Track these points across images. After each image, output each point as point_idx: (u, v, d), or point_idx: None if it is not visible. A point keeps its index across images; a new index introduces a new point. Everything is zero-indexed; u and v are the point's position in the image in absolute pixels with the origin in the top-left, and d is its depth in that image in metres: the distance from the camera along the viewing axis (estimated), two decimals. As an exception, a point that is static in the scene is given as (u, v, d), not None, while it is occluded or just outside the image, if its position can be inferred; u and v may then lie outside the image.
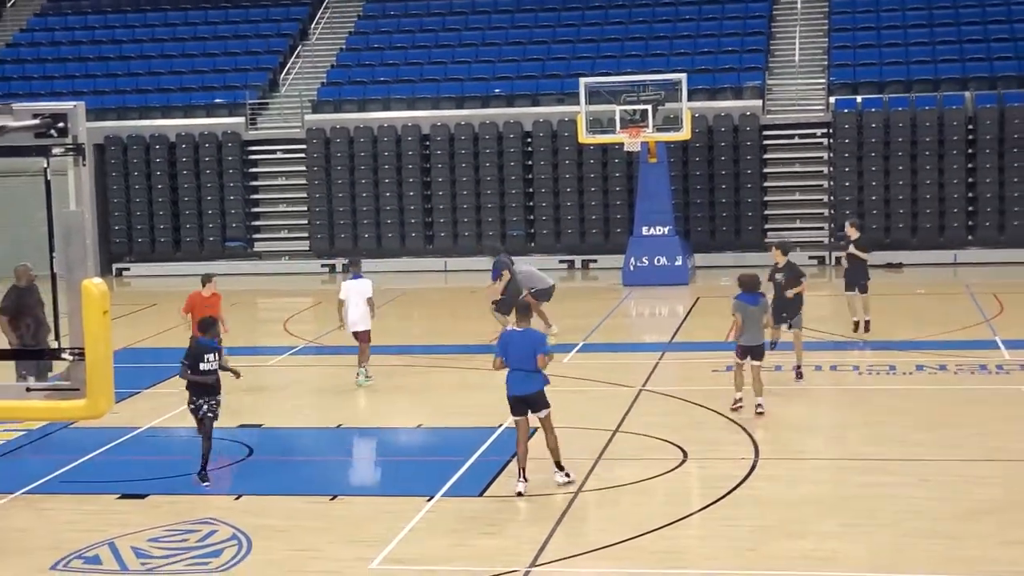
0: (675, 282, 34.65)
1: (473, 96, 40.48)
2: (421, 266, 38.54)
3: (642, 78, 36.23)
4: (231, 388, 22.66)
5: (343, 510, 16.77)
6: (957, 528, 15.11)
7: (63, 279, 6.91)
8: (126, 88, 42.45)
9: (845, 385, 22.87)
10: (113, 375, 7.14)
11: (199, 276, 38.54)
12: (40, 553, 15.06)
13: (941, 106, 37.52)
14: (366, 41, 44.04)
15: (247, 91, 41.95)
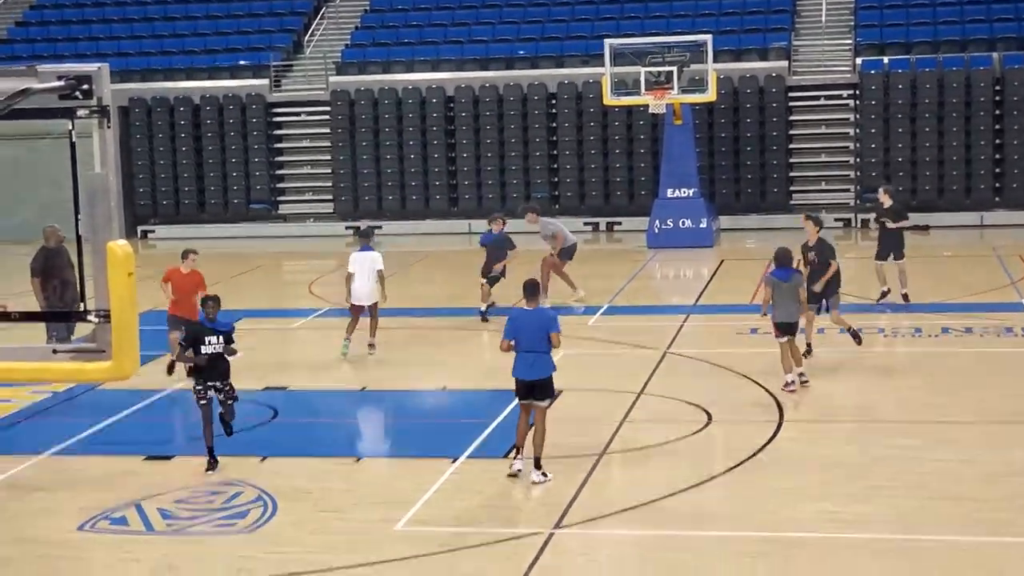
0: (700, 244, 34.80)
1: (497, 58, 40.57)
2: (445, 228, 38.58)
3: (667, 39, 36.35)
4: (257, 351, 22.81)
5: (368, 472, 16.94)
6: (982, 490, 15.14)
7: (88, 241, 7.01)
8: (150, 50, 42.61)
9: (870, 348, 22.73)
10: (138, 337, 7.19)
11: (224, 238, 38.98)
12: (68, 514, 15.21)
13: (968, 67, 37.55)
14: (390, 2, 44.13)
15: (271, 53, 42.17)
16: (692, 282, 30.12)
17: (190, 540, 14.48)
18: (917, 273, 28.97)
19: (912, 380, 20.40)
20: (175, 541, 14.49)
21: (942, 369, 21.09)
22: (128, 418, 19.30)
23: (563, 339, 15.90)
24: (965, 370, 21.03)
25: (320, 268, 34.40)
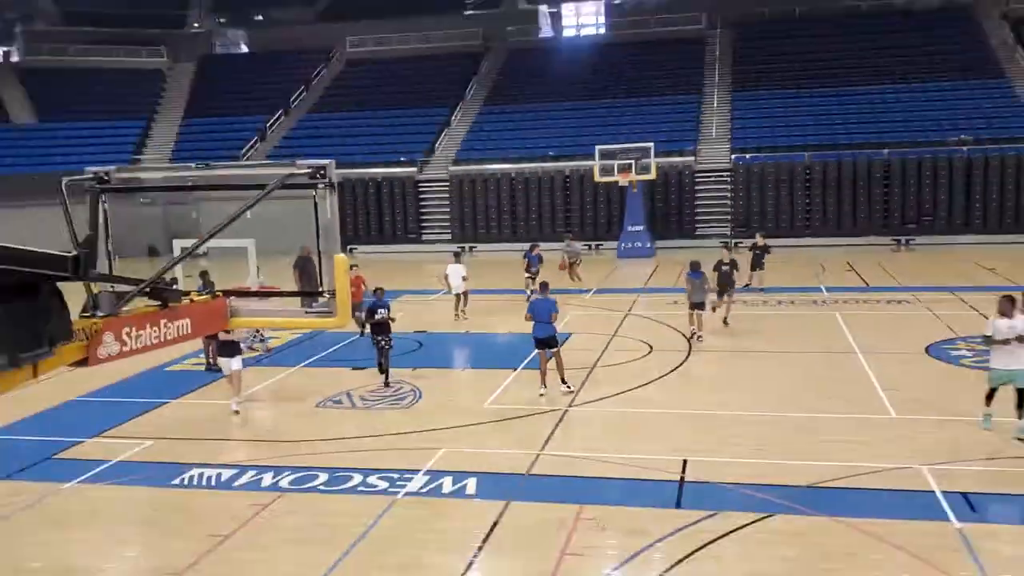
0: (646, 256, 34.60)
1: (539, 156, 40.48)
2: (507, 247, 38.52)
3: (629, 146, 36.17)
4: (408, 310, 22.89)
5: (469, 376, 17.12)
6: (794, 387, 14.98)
7: (324, 254, 7.13)
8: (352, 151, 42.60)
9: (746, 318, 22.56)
10: (349, 305, 7.35)
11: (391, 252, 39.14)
12: (310, 398, 15.48)
13: (792, 161, 36.96)
14: (482, 127, 44.19)
15: (418, 153, 42.09)
16: (642, 275, 29.95)
17: (374, 412, 14.73)
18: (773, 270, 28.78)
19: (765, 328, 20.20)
20: (367, 413, 14.74)
21: (774, 327, 20.85)
22: (339, 350, 19.46)
23: (572, 306, 16.10)
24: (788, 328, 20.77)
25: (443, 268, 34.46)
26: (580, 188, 38.90)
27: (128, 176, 7.43)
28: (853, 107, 40.18)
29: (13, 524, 10.47)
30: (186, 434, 13.84)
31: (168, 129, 47.83)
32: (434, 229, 41.40)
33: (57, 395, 15.72)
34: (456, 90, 47.39)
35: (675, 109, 42.45)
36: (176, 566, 9.19)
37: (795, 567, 8.70)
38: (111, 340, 6.28)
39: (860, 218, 36.44)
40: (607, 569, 8.80)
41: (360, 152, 42.82)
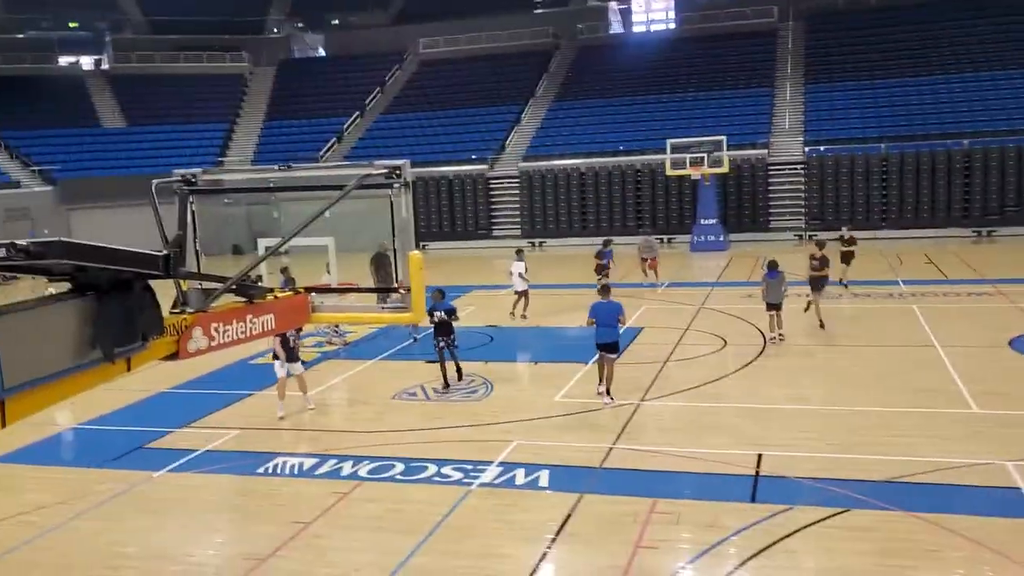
0: (719, 250, 34.14)
1: (609, 151, 40.20)
2: (578, 242, 38.42)
3: (701, 139, 35.66)
4: (479, 304, 22.96)
5: (540, 370, 17.10)
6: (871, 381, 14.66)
7: (400, 251, 7.21)
8: (426, 151, 42.93)
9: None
10: (424, 301, 7.43)
11: (462, 248, 39.34)
12: (385, 390, 15.69)
13: (867, 154, 36.03)
14: (552, 123, 44.06)
15: (489, 151, 42.22)
16: (714, 269, 29.56)
17: (448, 404, 14.86)
18: (833, 262, 28.14)
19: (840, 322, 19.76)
20: (440, 405, 14.85)
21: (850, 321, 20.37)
22: (414, 345, 19.60)
23: (645, 300, 15.93)
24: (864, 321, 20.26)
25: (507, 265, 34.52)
26: (651, 182, 38.50)
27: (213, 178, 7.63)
28: (929, 96, 38.99)
29: (108, 510, 10.87)
30: (269, 424, 14.16)
31: (250, 132, 48.92)
32: (504, 225, 41.48)
33: (147, 387, 16.26)
34: (527, 88, 47.42)
35: (747, 102, 41.73)
36: (261, 552, 9.43)
37: (871, 562, 8.51)
38: (200, 335, 6.47)
39: (939, 210, 35.33)
40: (680, 563, 8.74)
41: (432, 151, 43.14)
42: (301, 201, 7.88)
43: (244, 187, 8.64)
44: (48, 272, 5.61)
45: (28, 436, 13.49)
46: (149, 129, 46.86)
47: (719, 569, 8.59)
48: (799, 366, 16.42)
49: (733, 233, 36.30)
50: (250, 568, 9.08)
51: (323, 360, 18.48)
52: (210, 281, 6.81)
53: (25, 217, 39.23)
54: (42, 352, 5.26)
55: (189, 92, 50.00)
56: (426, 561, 9.01)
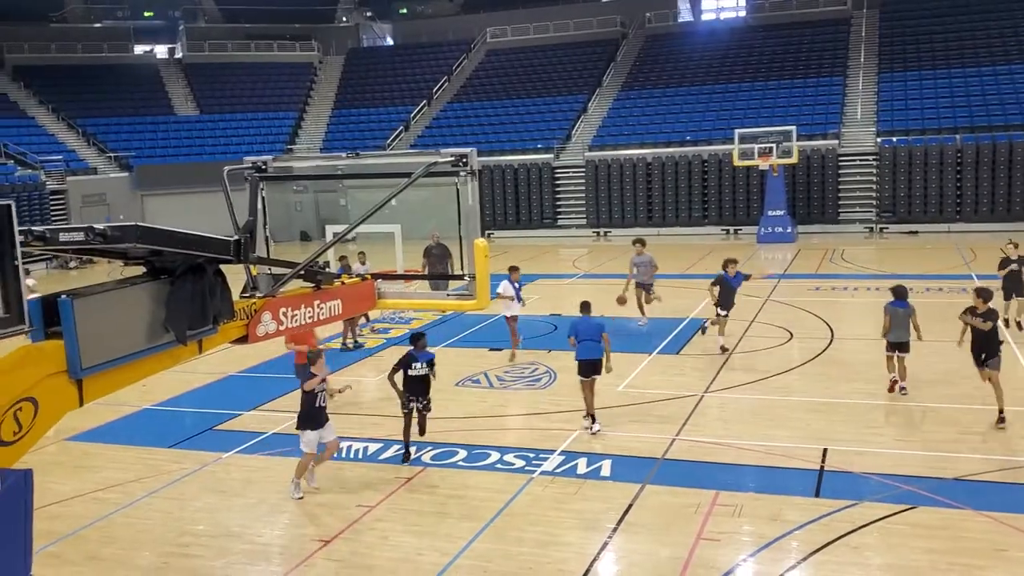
0: (786, 241, 33.56)
1: (675, 141, 39.73)
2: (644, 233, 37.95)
3: (769, 129, 35.06)
4: (543, 293, 22.89)
5: (604, 360, 16.86)
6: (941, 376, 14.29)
7: (465, 239, 7.27)
8: (491, 140, 43.03)
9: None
10: (488, 288, 7.46)
11: (527, 236, 39.33)
12: (450, 376, 15.79)
13: (942, 144, 34.96)
14: (619, 113, 43.66)
15: (554, 140, 42.08)
16: (782, 261, 29.05)
17: (512, 392, 14.91)
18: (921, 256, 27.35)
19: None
20: (503, 393, 14.91)
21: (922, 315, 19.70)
22: (479, 330, 19.67)
23: (703, 291, 15.68)
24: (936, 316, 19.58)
25: (578, 252, 34.50)
26: (718, 172, 37.95)
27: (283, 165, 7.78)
28: (1008, 85, 37.63)
29: (178, 489, 11.17)
30: (334, 409, 14.36)
31: (319, 120, 49.57)
32: (570, 214, 41.34)
33: (218, 371, 16.65)
34: (594, 76, 47.12)
35: (818, 92, 40.84)
36: (327, 533, 9.61)
37: (939, 561, 8.32)
38: (269, 319, 6.62)
39: (1015, 203, 34.18)
40: (742, 555, 8.66)
41: (499, 140, 43.17)
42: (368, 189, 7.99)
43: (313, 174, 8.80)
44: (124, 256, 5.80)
45: (104, 416, 13.95)
46: (221, 117, 47.84)
47: (781, 563, 8.48)
48: (866, 360, 16.05)
49: (801, 225, 35.61)
50: (315, 549, 9.26)
51: (388, 346, 18.68)
52: (279, 267, 6.96)
53: (101, 203, 40.36)
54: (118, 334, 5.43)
55: (260, 81, 50.91)
56: (487, 547, 9.08)
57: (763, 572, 8.38)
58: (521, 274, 17.30)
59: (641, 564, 8.64)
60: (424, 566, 8.66)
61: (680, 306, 20.93)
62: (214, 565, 9.05)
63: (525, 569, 8.60)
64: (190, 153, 44.49)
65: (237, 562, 9.12)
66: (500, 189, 41.50)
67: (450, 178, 7.35)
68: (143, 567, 9.06)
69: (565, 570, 8.53)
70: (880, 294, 20.41)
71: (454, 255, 8.17)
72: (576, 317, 13.16)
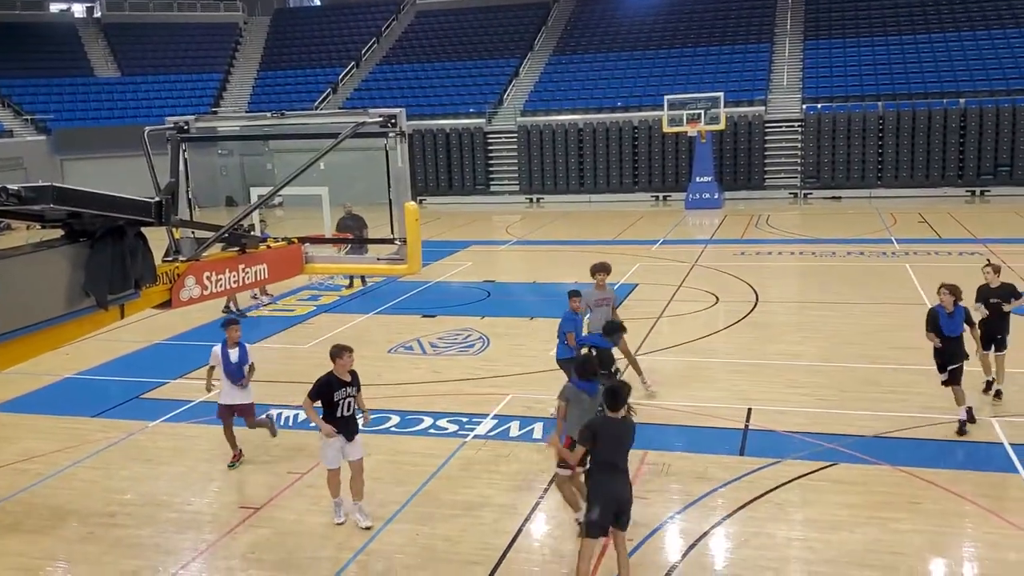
0: (713, 207, 34.02)
1: (606, 107, 39.83)
2: (575, 199, 38.35)
3: (698, 95, 35.33)
4: (476, 260, 22.82)
5: (537, 325, 17.01)
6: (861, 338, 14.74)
7: (394, 202, 7.18)
8: (423, 103, 42.56)
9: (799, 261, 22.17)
10: (420, 252, 7.40)
11: (459, 203, 39.16)
12: (381, 343, 15.75)
13: (864, 112, 35.74)
14: (550, 78, 43.54)
15: (487, 105, 41.82)
16: (709, 227, 29.48)
17: (445, 358, 14.89)
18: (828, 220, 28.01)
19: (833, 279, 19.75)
20: (436, 359, 14.90)
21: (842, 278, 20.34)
22: (411, 297, 19.61)
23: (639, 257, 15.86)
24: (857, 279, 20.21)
25: (511, 219, 34.51)
26: (648, 139, 38.22)
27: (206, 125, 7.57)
28: (928, 55, 38.63)
29: (104, 459, 10.93)
30: (264, 376, 14.17)
31: (244, 82, 48.38)
32: (502, 180, 41.26)
33: (143, 339, 16.28)
34: (525, 40, 46.88)
35: (746, 58, 41.32)
36: (257, 500, 9.52)
37: (857, 514, 8.62)
38: (193, 283, 6.47)
39: (934, 169, 35.20)
40: (669, 513, 8.84)
41: (429, 103, 42.75)
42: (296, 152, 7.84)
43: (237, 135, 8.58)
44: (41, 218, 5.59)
45: (24, 385, 13.56)
46: (143, 79, 46.37)
47: (707, 520, 8.69)
48: (790, 323, 16.47)
49: (728, 191, 36.13)
50: (245, 516, 9.17)
51: (319, 313, 18.48)
52: (202, 230, 6.80)
53: (18, 167, 38.90)
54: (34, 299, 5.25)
55: (183, 41, 49.39)
56: (420, 511, 9.10)
57: (690, 529, 8.58)
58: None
59: (572, 523, 8.76)
60: (356, 531, 8.65)
61: (611, 271, 21.08)
62: (141, 534, 8.90)
63: (458, 531, 8.66)
64: (111, 116, 43.05)
65: (165, 531, 8.98)
66: (431, 154, 41.16)
67: (379, 140, 7.24)
68: (68, 538, 8.87)
69: (498, 530, 8.61)
70: (803, 258, 20.92)
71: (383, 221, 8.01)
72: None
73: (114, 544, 8.73)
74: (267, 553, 8.44)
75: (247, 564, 8.26)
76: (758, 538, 8.31)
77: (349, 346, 8.73)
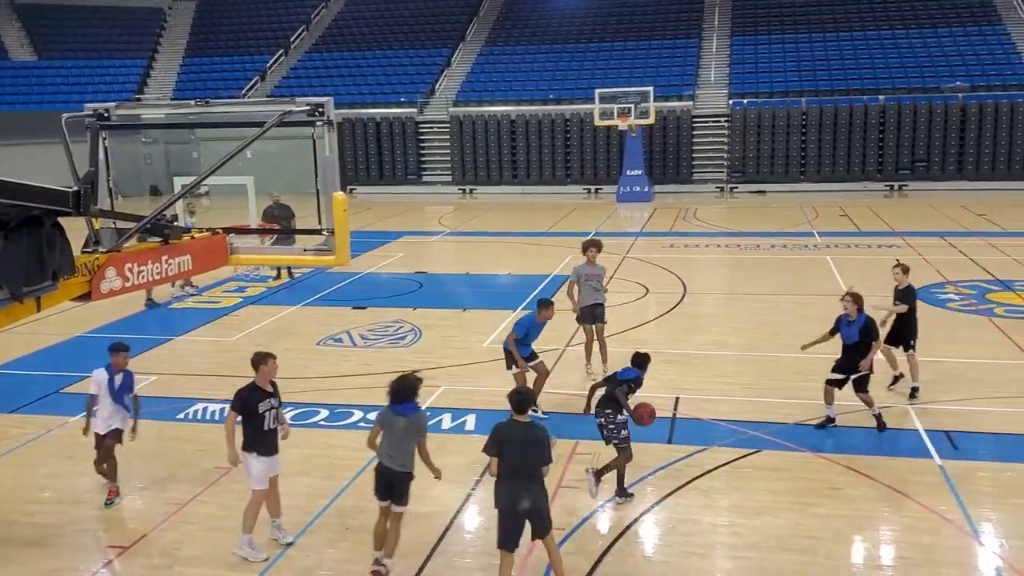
0: (643, 200, 34.38)
1: (539, 99, 39.95)
2: (509, 191, 38.48)
3: (628, 89, 35.68)
4: (408, 251, 22.70)
5: (471, 316, 17.05)
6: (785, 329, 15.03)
7: (322, 192, 7.09)
8: (355, 91, 42.11)
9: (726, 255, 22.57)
10: (348, 243, 7.31)
11: (391, 193, 38.88)
12: (310, 336, 15.57)
13: (789, 106, 36.53)
14: (482, 69, 43.47)
15: (419, 94, 41.57)
16: (639, 220, 29.81)
17: (374, 351, 14.75)
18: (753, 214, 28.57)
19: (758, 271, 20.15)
20: (367, 351, 14.76)
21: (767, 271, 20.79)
22: (343, 287, 19.43)
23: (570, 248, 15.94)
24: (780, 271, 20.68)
25: (444, 210, 34.38)
26: (580, 132, 38.48)
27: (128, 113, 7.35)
28: (850, 53, 39.63)
29: (23, 455, 10.57)
30: (190, 370, 13.91)
31: (169, 69, 47.17)
32: (435, 170, 41.09)
33: (62, 332, 15.78)
34: (457, 30, 46.68)
35: (675, 53, 41.85)
36: (181, 497, 9.31)
37: (780, 500, 8.83)
38: (113, 275, 6.28)
39: (854, 164, 36.20)
40: (600, 501, 8.92)
41: (360, 92, 42.31)
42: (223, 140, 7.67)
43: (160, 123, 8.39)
44: (-49, 208, 5.36)
45: (-64, 380, 13.05)
46: (62, 63, 44.82)
47: (636, 508, 8.80)
48: (717, 314, 16.77)
49: (658, 184, 36.61)
50: (170, 513, 8.97)
51: (245, 305, 18.16)
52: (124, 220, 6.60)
53: (-71, 154, 37.29)
54: (-55, 291, 5.04)
55: (104, 26, 47.84)
56: (350, 504, 9.01)
57: (620, 517, 8.68)
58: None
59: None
60: (286, 524, 8.53)
61: (543, 263, 21.18)
62: (63, 533, 8.64)
63: (388, 524, 8.60)
64: (28, 101, 41.49)
65: (87, 528, 8.74)
66: (362, 143, 40.79)
67: (306, 129, 7.13)
68: (-17, 538, 8.56)
69: (430, 524, 8.57)
70: (730, 251, 21.30)
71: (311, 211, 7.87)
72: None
73: (32, 543, 8.45)
74: (192, 549, 8.28)
75: (171, 561, 8.08)
76: (685, 524, 8.46)
77: (272, 352, 8.09)
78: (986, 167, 35.09)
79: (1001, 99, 35.07)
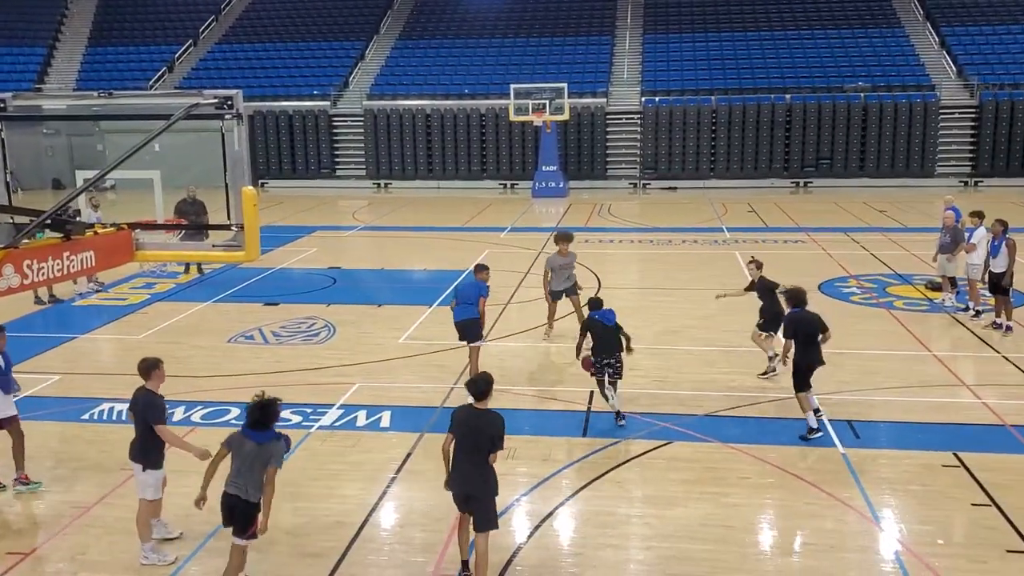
0: (559, 196, 34.64)
1: (454, 94, 39.84)
2: (424, 185, 38.30)
3: (543, 85, 35.79)
4: (322, 246, 22.40)
5: (385, 312, 16.90)
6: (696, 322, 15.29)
7: (232, 187, 6.94)
8: (265, 84, 41.33)
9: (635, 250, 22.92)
10: (258, 239, 7.18)
11: (304, 187, 38.28)
12: (220, 333, 15.28)
13: (699, 104, 37.25)
14: (396, 63, 43.07)
15: (332, 87, 40.99)
16: (555, 215, 29.99)
17: (289, 347, 14.54)
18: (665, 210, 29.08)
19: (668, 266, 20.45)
20: (279, 349, 14.52)
21: (677, 265, 21.12)
22: (253, 283, 19.08)
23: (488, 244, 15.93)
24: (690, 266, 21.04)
25: (358, 204, 34.01)
26: (495, 127, 38.52)
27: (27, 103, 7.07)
28: (758, 52, 40.65)
29: (-86, 460, 10.08)
30: (95, 369, 13.46)
31: (71, 58, 45.46)
32: (348, 165, 40.62)
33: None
34: (370, 23, 46.19)
35: (588, 50, 42.24)
36: (87, 500, 9.02)
37: (691, 490, 9.03)
38: (11, 272, 6.04)
39: (762, 161, 37.16)
40: (516, 495, 8.97)
41: (272, 85, 41.53)
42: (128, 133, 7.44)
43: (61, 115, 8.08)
44: None
45: None
46: (-46, 51, 42.92)
47: (552, 500, 8.89)
48: (630, 307, 16.95)
49: (573, 180, 36.93)
50: (76, 516, 8.68)
51: (153, 301, 17.67)
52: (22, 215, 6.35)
53: None
54: None
55: (1, 11, 45.86)
56: (262, 503, 8.86)
57: (536, 510, 8.75)
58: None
59: (420, 510, 8.76)
60: (197, 525, 8.34)
61: (459, 259, 21.15)
62: (-43, 541, 8.28)
63: (303, 522, 8.49)
64: (-83, 89, 39.59)
65: (-16, 536, 8.39)
66: (274, 137, 40.05)
67: (215, 122, 6.96)
68: None
69: (345, 522, 8.50)
70: (642, 246, 21.60)
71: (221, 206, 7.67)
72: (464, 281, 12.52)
73: (-75, 553, 8.08)
74: (98, 555, 8.03)
75: (76, 567, 7.83)
76: (600, 516, 8.57)
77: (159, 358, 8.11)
78: (886, 165, 36.47)
79: (900, 99, 36.47)
